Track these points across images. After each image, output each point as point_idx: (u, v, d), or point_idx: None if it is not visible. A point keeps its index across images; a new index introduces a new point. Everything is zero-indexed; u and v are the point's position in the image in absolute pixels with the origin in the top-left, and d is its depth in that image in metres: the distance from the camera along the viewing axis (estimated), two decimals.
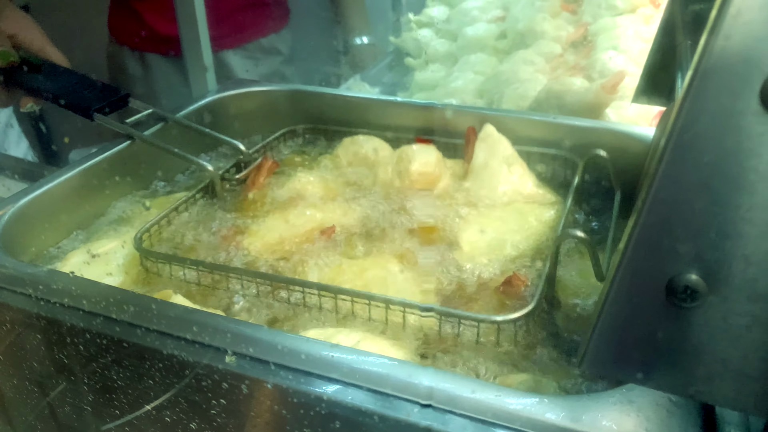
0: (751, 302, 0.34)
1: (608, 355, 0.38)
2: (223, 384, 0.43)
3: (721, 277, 0.34)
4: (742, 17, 0.30)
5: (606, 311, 0.37)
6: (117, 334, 0.47)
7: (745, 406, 0.36)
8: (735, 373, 0.35)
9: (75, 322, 0.48)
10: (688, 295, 0.35)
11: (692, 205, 0.33)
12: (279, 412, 0.42)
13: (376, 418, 0.40)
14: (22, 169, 0.96)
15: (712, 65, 0.31)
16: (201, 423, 0.45)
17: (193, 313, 0.48)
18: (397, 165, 0.73)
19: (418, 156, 0.73)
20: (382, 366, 0.42)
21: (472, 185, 0.71)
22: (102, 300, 0.48)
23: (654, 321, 0.36)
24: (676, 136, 0.33)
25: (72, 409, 0.52)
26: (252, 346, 0.44)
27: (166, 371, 0.45)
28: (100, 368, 0.48)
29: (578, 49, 1.22)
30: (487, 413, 0.40)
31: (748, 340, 0.35)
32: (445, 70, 1.32)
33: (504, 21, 1.39)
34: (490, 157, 0.72)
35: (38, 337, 0.50)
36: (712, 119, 0.32)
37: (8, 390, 0.55)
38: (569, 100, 0.90)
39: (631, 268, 0.36)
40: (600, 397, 0.41)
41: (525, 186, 0.71)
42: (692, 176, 0.33)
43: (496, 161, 0.71)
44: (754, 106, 0.31)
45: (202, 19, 1.07)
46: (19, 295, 0.52)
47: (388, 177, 0.73)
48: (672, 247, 0.34)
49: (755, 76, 0.30)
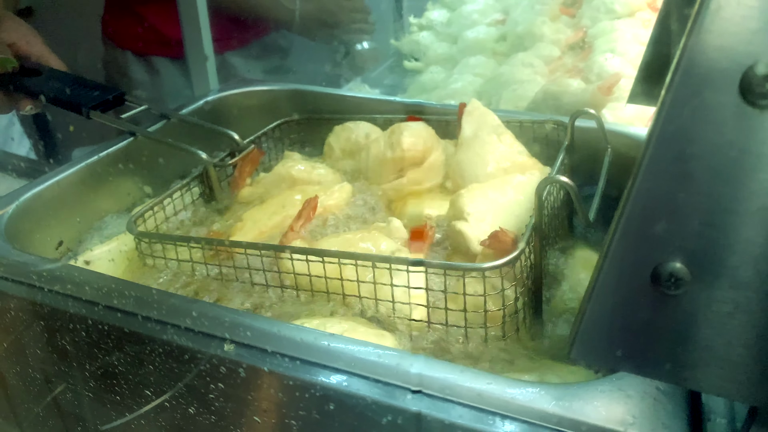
0: (733, 289, 0.35)
1: (596, 342, 0.39)
2: (222, 369, 0.44)
3: (705, 265, 0.35)
4: (722, 12, 0.31)
5: (593, 299, 0.38)
6: (118, 321, 0.48)
7: (729, 392, 0.37)
8: (719, 359, 0.36)
9: (78, 310, 0.49)
10: (673, 283, 0.36)
11: (675, 195, 0.34)
12: (275, 396, 0.43)
13: (369, 402, 0.41)
14: (25, 167, 0.97)
15: (693, 59, 0.32)
16: (200, 407, 0.46)
17: (193, 302, 0.49)
18: (389, 138, 0.72)
19: (409, 128, 0.72)
20: (373, 354, 0.43)
21: (463, 157, 0.70)
22: (104, 288, 0.49)
23: (640, 308, 0.37)
24: (659, 128, 0.34)
25: (74, 395, 0.53)
26: (250, 333, 0.45)
27: (167, 357, 0.46)
28: (101, 355, 0.49)
29: (576, 52, 1.24)
30: (477, 400, 0.41)
31: (730, 327, 0.35)
32: (445, 73, 1.34)
33: (503, 24, 1.40)
34: (478, 129, 0.71)
35: (42, 325, 0.52)
36: (693, 112, 0.33)
37: (12, 378, 0.56)
38: (566, 101, 0.91)
39: (617, 257, 0.37)
40: (590, 385, 0.42)
41: (516, 154, 0.69)
42: (675, 167, 0.34)
43: (485, 131, 0.71)
44: (734, 98, 0.32)
45: (204, 21, 1.08)
46: (25, 285, 0.53)
47: (380, 150, 0.73)
48: (656, 236, 0.35)
49: (735, 69, 0.31)
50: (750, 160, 0.33)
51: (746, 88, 0.32)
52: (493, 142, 0.69)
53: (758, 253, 0.34)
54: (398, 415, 0.41)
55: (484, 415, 0.40)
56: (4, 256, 0.57)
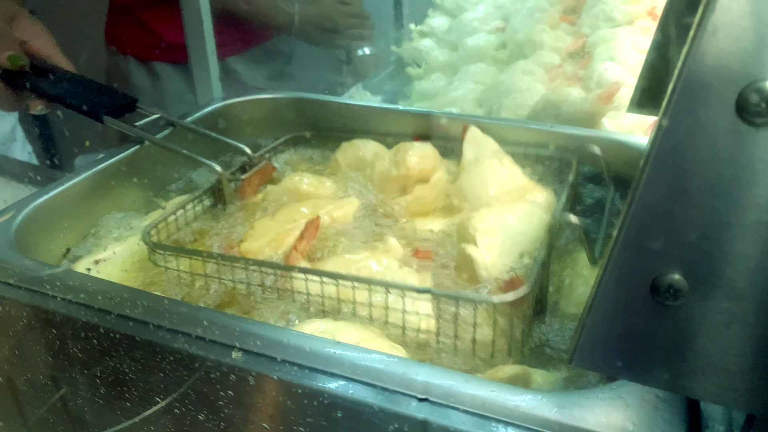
0: (729, 301, 0.36)
1: (596, 351, 0.40)
2: (231, 377, 0.45)
3: (702, 277, 0.36)
4: (719, 34, 0.32)
5: (594, 309, 0.39)
6: (129, 329, 0.49)
7: (726, 400, 0.38)
8: (716, 368, 0.37)
9: (89, 318, 0.50)
10: (671, 294, 0.37)
11: (673, 209, 0.36)
12: (284, 403, 0.44)
13: (376, 410, 0.42)
14: (27, 174, 0.98)
15: (691, 79, 0.33)
16: (209, 414, 0.47)
17: (202, 310, 0.50)
18: (395, 156, 0.74)
19: (414, 147, 0.75)
20: (380, 362, 0.44)
21: (464, 182, 0.72)
22: (115, 297, 0.50)
23: (640, 318, 0.38)
24: (658, 144, 0.35)
25: (84, 401, 0.54)
26: (258, 342, 0.46)
27: (176, 365, 0.47)
28: (112, 362, 0.50)
29: (576, 59, 1.25)
30: (481, 407, 0.42)
31: (726, 337, 0.37)
32: (446, 80, 1.35)
33: (504, 32, 1.41)
34: (480, 153, 0.73)
35: (53, 332, 0.52)
36: (691, 129, 0.34)
37: (22, 384, 0.57)
38: (566, 109, 0.92)
39: (617, 268, 0.38)
40: (590, 393, 0.43)
41: (517, 179, 0.72)
42: (673, 182, 0.35)
43: (486, 156, 0.73)
44: (730, 117, 0.33)
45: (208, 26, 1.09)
46: (35, 293, 0.54)
47: (386, 168, 0.74)
48: (655, 249, 0.37)
49: (731, 89, 0.33)
50: (745, 176, 0.34)
51: (742, 106, 0.33)
52: (495, 166, 0.72)
53: (753, 265, 0.35)
54: (404, 422, 0.42)
55: (487, 422, 0.41)
56: (15, 263, 0.58)
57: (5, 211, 0.67)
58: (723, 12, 0.32)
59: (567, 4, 1.42)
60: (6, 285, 0.56)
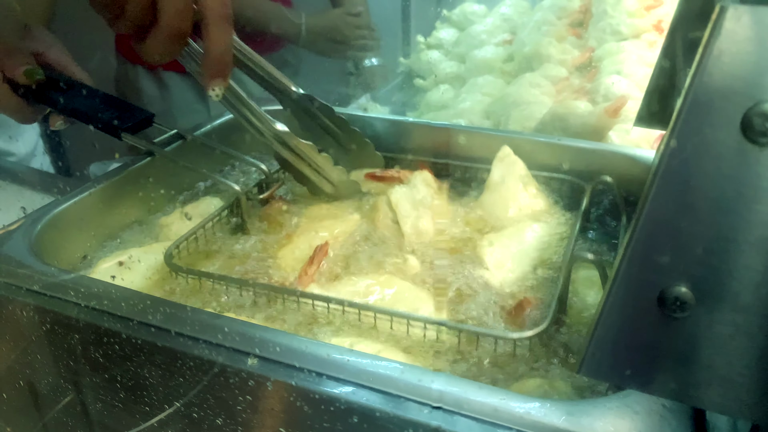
0: (734, 313, 0.37)
1: (604, 361, 0.42)
2: (249, 383, 0.47)
3: (708, 290, 0.37)
4: (724, 57, 0.34)
5: (602, 320, 0.41)
6: (150, 336, 0.50)
7: (731, 410, 0.39)
8: (721, 379, 0.39)
9: (110, 325, 0.52)
10: (678, 306, 0.38)
11: (680, 224, 0.37)
12: (301, 408, 0.46)
13: (391, 416, 0.43)
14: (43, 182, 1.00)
15: (697, 100, 0.35)
16: (227, 419, 0.49)
17: (220, 318, 0.52)
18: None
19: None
20: (394, 370, 0.46)
21: (486, 200, 0.75)
22: (137, 304, 0.52)
23: (647, 330, 0.39)
24: (665, 161, 0.36)
25: (104, 406, 0.55)
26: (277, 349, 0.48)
27: (196, 371, 0.49)
28: (132, 367, 0.51)
29: (583, 72, 1.26)
30: (493, 415, 0.43)
31: (732, 348, 0.38)
32: (454, 91, 1.36)
33: (511, 44, 1.43)
34: (507, 175, 0.76)
35: (75, 338, 0.54)
36: (697, 148, 0.35)
37: (42, 388, 0.59)
38: (573, 122, 0.93)
39: (625, 281, 0.39)
40: (598, 402, 0.44)
41: (538, 205, 0.75)
42: (680, 198, 0.37)
43: (513, 179, 0.75)
44: (735, 136, 0.34)
45: None
46: (56, 300, 0.56)
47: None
48: (663, 262, 0.38)
49: (736, 110, 0.34)
50: (750, 193, 0.35)
51: (747, 126, 0.34)
52: (518, 190, 0.75)
53: (757, 279, 0.36)
54: (419, 429, 0.43)
55: (498, 429, 0.42)
56: (36, 270, 0.60)
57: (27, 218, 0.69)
58: (728, 37, 0.33)
59: (574, 18, 1.44)
60: (29, 291, 0.57)
